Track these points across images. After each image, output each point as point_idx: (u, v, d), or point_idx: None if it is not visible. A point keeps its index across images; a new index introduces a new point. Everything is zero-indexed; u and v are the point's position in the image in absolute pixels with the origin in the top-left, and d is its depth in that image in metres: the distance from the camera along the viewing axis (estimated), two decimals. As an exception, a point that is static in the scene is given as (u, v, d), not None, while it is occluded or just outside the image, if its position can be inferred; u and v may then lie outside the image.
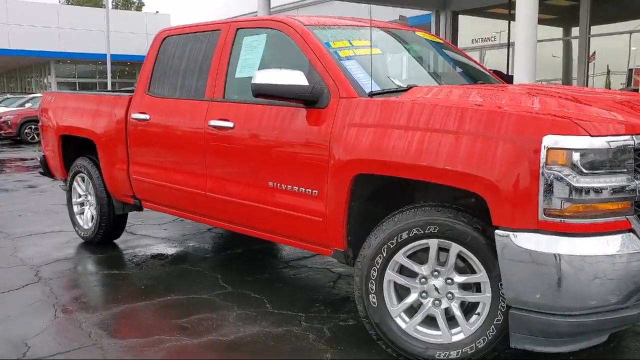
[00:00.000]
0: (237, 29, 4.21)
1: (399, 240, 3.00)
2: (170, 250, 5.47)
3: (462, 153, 2.76)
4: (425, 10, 17.43)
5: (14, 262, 5.06)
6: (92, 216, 5.58)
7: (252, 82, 3.48)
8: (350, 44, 3.84)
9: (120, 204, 5.38)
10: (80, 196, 5.74)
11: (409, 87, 3.52)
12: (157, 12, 37.76)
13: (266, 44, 3.99)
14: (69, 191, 5.79)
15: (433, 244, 2.95)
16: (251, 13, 25.37)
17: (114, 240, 5.69)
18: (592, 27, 14.84)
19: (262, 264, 4.99)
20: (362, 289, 3.13)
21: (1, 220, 6.76)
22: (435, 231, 2.91)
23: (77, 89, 34.62)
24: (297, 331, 3.56)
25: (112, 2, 58.44)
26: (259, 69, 3.91)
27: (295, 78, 3.42)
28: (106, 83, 37.97)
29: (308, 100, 3.47)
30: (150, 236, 5.98)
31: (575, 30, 15.47)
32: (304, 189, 3.54)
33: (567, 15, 15.72)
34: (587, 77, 14.78)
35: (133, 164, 4.90)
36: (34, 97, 21.67)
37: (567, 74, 15.60)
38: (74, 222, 5.78)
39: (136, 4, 62.20)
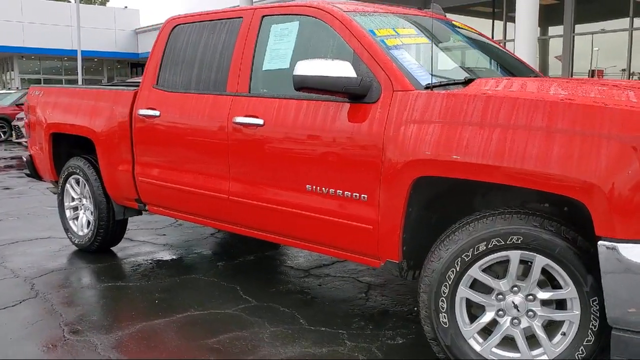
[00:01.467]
0: (263, 16, 3.81)
1: (476, 253, 2.65)
2: (175, 258, 5.04)
3: (556, 153, 2.43)
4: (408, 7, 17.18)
5: (4, 274, 4.56)
6: (88, 222, 5.11)
7: (295, 73, 3.10)
8: (396, 32, 3.48)
9: (121, 209, 4.93)
10: (73, 200, 5.26)
11: (468, 80, 3.19)
12: (125, 7, 36.65)
13: (298, 33, 3.60)
14: (61, 194, 5.31)
15: (514, 256, 2.61)
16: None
17: (112, 248, 5.23)
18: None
19: (280, 273, 4.60)
20: (430, 307, 2.77)
21: (-19, 226, 6.23)
22: (519, 242, 2.57)
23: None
24: (343, 351, 3.20)
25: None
26: (291, 60, 3.56)
27: (342, 69, 3.05)
28: (74, 80, 37.09)
29: (355, 94, 3.10)
30: (151, 242, 5.53)
31: (557, 30, 15.43)
32: (349, 194, 3.17)
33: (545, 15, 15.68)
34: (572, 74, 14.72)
35: (139, 165, 4.45)
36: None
37: (543, 72, 15.56)
38: (67, 228, 5.29)
39: (99, 0, 60.62)
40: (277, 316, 3.67)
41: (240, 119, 3.68)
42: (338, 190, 3.21)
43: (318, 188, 3.31)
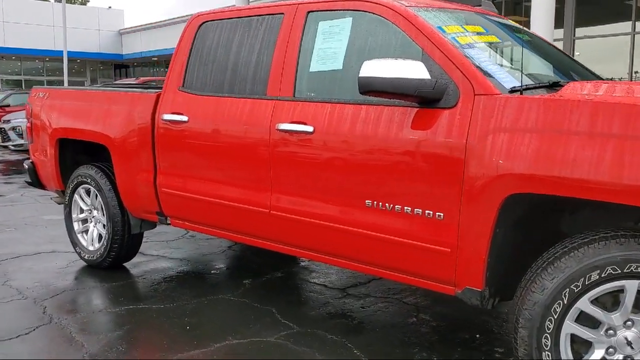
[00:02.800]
0: (308, 12, 3.44)
1: (587, 283, 2.30)
2: (196, 275, 4.64)
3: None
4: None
5: (10, 295, 4.13)
6: (100, 235, 4.69)
7: (361, 75, 2.73)
8: (464, 29, 3.13)
9: (138, 222, 4.52)
10: (82, 211, 4.83)
11: (554, 83, 2.85)
12: (109, 7, 35.94)
13: (352, 30, 3.23)
14: (68, 205, 4.87)
15: (632, 286, 2.27)
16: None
17: (125, 264, 4.81)
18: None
19: (315, 292, 4.21)
20: (531, 344, 2.42)
21: (-23, 238, 5.76)
22: (638, 270, 2.23)
23: (23, 87, 32.68)
24: (412, 389, 2.83)
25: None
26: (344, 60, 3.19)
27: (415, 70, 2.69)
28: (57, 81, 36.29)
29: (428, 97, 2.74)
30: (166, 257, 5.12)
31: (557, 33, 15.21)
32: (420, 211, 2.81)
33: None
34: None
35: (162, 175, 4.05)
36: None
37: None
38: (75, 242, 4.86)
39: (80, 0, 59.61)
40: (326, 345, 3.30)
41: (285, 126, 3.31)
42: (406, 207, 2.85)
43: (380, 204, 2.94)
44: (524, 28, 3.99)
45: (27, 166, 5.31)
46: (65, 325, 3.59)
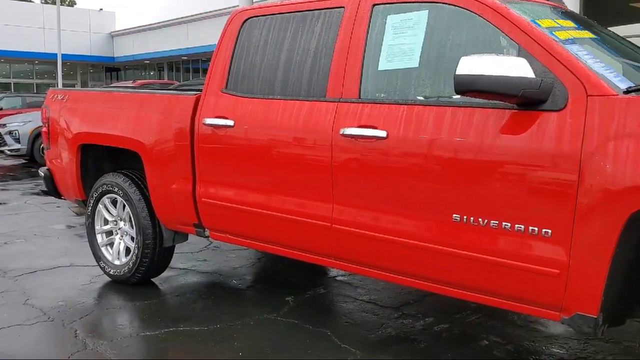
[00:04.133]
0: (373, 5, 3.12)
1: None
2: (233, 291, 4.30)
3: None
4: None
5: (35, 316, 3.76)
6: (127, 248, 4.33)
7: (459, 72, 2.42)
8: (558, 23, 2.82)
9: (171, 234, 4.17)
10: (107, 222, 4.47)
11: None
12: (101, 9, 35.41)
13: (429, 24, 2.91)
14: (91, 216, 4.51)
15: None
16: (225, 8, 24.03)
17: (153, 279, 4.46)
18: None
19: (367, 312, 3.88)
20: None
21: (-14, 251, 5.37)
22: None
23: (13, 90, 32.05)
24: None
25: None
26: (420, 57, 2.87)
27: (518, 67, 2.38)
28: (49, 83, 35.72)
29: (533, 98, 2.43)
30: (195, 270, 4.77)
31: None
32: (521, 227, 2.49)
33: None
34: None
35: (203, 184, 3.71)
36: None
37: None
38: (98, 256, 4.50)
39: (67, 2, 58.90)
40: (399, 374, 2.98)
41: (351, 131, 2.98)
42: (504, 223, 2.53)
43: (472, 219, 2.62)
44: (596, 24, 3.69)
45: (43, 174, 4.94)
46: (103, 352, 3.24)
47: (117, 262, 4.38)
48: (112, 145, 4.24)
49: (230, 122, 3.51)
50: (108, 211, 4.43)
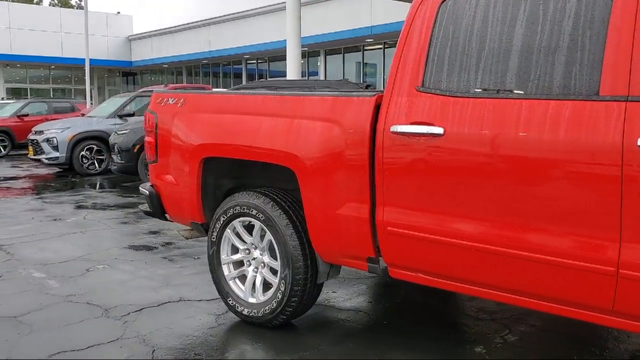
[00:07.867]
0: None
1: None
2: (396, 332, 3.51)
3: None
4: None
5: (173, 374, 2.99)
6: (266, 284, 3.56)
7: None
8: None
9: (328, 267, 3.40)
10: (237, 251, 3.70)
11: None
12: (118, 12, 34.68)
13: None
14: (216, 244, 3.74)
15: None
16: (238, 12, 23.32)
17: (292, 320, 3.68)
18: None
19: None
20: None
21: (73, 283, 4.59)
22: None
23: (29, 95, 31.35)
24: None
25: (49, 2, 54.49)
26: None
27: None
28: (65, 89, 35.10)
29: None
30: (334, 307, 3.98)
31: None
32: None
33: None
34: None
35: (388, 208, 2.93)
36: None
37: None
38: (225, 291, 3.72)
39: (75, 6, 58.28)
40: None
41: (652, 142, 2.20)
42: None
43: None
44: None
45: (147, 192, 4.17)
46: None
47: (252, 300, 3.61)
48: (250, 159, 3.47)
49: (437, 130, 2.73)
50: (239, 237, 3.66)
